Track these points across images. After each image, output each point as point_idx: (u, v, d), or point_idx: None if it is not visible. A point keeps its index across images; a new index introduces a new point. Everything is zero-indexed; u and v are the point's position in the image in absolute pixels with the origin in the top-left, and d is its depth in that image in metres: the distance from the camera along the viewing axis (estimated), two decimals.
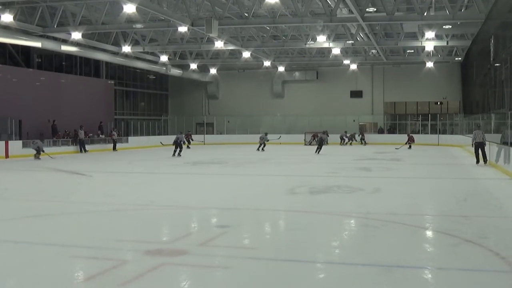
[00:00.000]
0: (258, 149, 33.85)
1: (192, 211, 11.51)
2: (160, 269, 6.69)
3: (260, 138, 34.62)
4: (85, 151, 33.69)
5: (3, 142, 29.13)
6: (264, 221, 10.47)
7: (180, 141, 29.18)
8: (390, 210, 10.97)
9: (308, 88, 50.45)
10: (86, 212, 11.39)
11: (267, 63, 44.29)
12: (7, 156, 28.14)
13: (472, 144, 21.76)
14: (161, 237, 9.05)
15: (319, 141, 30.86)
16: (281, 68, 47.96)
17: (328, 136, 33.58)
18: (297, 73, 50.68)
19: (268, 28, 33.96)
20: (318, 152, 29.53)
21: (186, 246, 7.78)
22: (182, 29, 29.27)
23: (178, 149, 28.68)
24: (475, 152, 21.63)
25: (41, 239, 8.48)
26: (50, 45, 32.41)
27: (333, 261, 7.31)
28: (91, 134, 36.95)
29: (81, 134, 33.91)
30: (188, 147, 36.76)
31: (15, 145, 29.51)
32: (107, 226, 9.67)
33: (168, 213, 11.23)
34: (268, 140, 34.74)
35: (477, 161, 21.56)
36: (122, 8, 24.36)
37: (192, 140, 38.47)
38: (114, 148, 36.63)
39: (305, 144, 37.81)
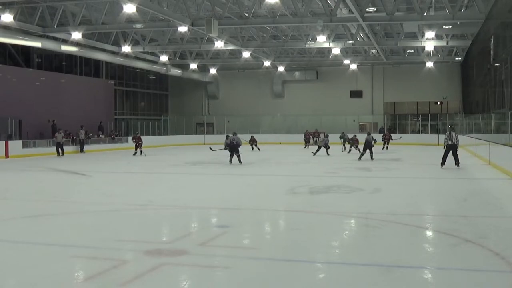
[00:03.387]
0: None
1: (192, 211, 11.51)
2: (160, 269, 6.70)
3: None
4: (82, 151, 33.64)
5: (3, 142, 29.14)
6: (264, 221, 10.48)
7: (237, 143, 23.86)
8: (390, 210, 10.97)
9: (308, 88, 50.44)
10: (85, 212, 11.39)
11: (267, 63, 44.28)
12: (7, 156, 28.14)
13: (444, 146, 20.76)
14: (161, 237, 9.06)
15: (325, 144, 29.20)
16: (281, 68, 47.95)
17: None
18: (297, 73, 50.67)
19: (268, 28, 33.95)
20: (314, 154, 28.79)
21: (186, 246, 7.79)
22: (182, 29, 29.26)
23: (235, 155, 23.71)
24: (445, 154, 20.59)
25: (40, 239, 8.47)
26: (50, 45, 32.41)
27: (333, 261, 7.31)
28: (91, 134, 36.93)
29: (82, 134, 33.90)
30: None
31: (15, 145, 29.51)
32: (106, 226, 9.66)
33: (168, 213, 11.24)
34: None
35: (443, 164, 20.52)
36: (122, 8, 24.36)
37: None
38: (82, 150, 34.29)
39: (304, 147, 37.17)
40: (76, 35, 29.93)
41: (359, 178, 17.93)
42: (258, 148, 34.64)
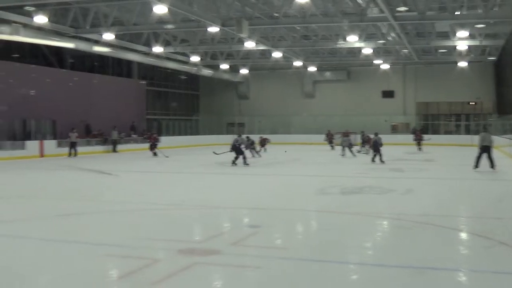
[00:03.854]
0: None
1: (223, 210, 11.55)
2: (192, 268, 6.73)
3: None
4: (115, 151, 33.99)
5: (38, 142, 29.67)
6: (296, 221, 10.46)
7: (240, 144, 23.25)
8: (423, 211, 10.87)
9: (339, 88, 50.20)
10: (118, 211, 11.51)
11: (297, 63, 44.20)
12: (42, 155, 28.56)
13: (479, 147, 19.93)
14: (193, 236, 9.11)
15: (348, 144, 28.26)
16: (311, 68, 47.79)
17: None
18: (328, 73, 50.46)
19: (299, 28, 33.88)
20: (342, 155, 27.72)
21: (218, 246, 7.82)
22: (213, 29, 29.36)
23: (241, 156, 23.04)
24: (479, 155, 19.85)
25: (73, 238, 8.58)
26: (83, 46, 32.79)
27: (365, 262, 7.27)
28: (124, 134, 37.30)
29: (114, 134, 34.25)
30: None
31: (50, 145, 29.94)
32: (139, 225, 9.75)
33: (200, 212, 11.29)
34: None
35: (476, 166, 19.87)
36: (153, 9, 24.53)
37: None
38: (115, 150, 34.81)
39: (331, 149, 36.05)
40: (108, 36, 30.27)
41: (391, 178, 17.80)
42: (265, 149, 33.00)
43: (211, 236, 8.68)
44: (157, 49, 35.92)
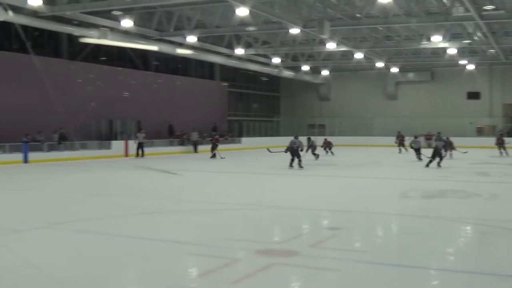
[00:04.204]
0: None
1: (302, 212, 11.55)
2: (271, 269, 6.78)
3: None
4: (196, 151, 34.53)
5: (123, 142, 30.63)
6: (376, 225, 10.34)
7: (297, 146, 22.34)
8: (508, 217, 10.52)
9: (422, 89, 49.10)
10: (197, 210, 11.71)
11: (379, 64, 43.59)
12: (126, 154, 29.43)
13: None
14: (272, 237, 9.16)
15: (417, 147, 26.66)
16: (394, 69, 47.01)
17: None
18: (411, 74, 49.47)
19: (381, 28, 33.41)
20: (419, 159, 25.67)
21: (296, 247, 7.84)
22: (294, 31, 29.37)
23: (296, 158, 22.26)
24: None
25: (155, 236, 8.81)
26: (166, 49, 33.55)
27: (447, 268, 7.11)
28: (206, 135, 37.91)
29: (194, 135, 34.83)
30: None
31: (134, 145, 30.82)
32: (219, 225, 9.89)
33: (279, 213, 11.33)
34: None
35: None
36: (235, 11, 24.81)
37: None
38: (196, 150, 35.04)
39: (399, 152, 33.78)
40: (191, 39, 30.85)
41: (475, 182, 17.28)
42: (332, 153, 31.82)
43: (290, 237, 8.71)
44: (239, 51, 36.28)
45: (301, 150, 22.23)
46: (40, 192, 15.58)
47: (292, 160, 22.23)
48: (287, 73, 47.23)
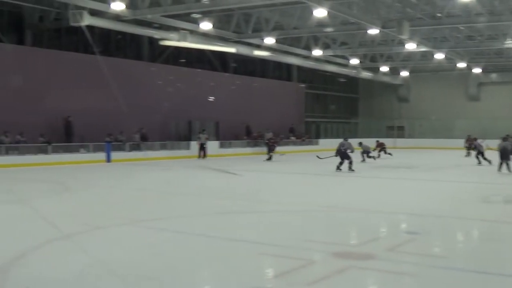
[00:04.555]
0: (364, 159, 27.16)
1: (380, 215, 11.38)
2: (347, 271, 6.73)
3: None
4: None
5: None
6: (455, 230, 10.09)
7: (345, 150, 21.45)
8: None
9: (506, 90, 47.43)
10: (273, 211, 11.75)
11: (461, 65, 42.43)
12: (204, 155, 29.84)
13: None
14: (349, 240, 9.08)
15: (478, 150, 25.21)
16: (476, 70, 45.65)
17: None
18: (494, 75, 47.89)
19: (462, 28, 32.51)
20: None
21: (373, 250, 7.74)
22: (373, 31, 29.03)
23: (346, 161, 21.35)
24: None
25: (231, 235, 8.90)
26: (244, 50, 33.85)
27: None
28: (283, 136, 38.03)
29: (268, 136, 34.76)
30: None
31: (213, 146, 31.25)
32: (295, 226, 9.89)
33: (356, 216, 11.22)
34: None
35: None
36: (313, 13, 24.75)
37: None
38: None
39: (465, 155, 31.34)
40: (269, 40, 31.00)
41: None
42: (390, 154, 30.30)
43: (367, 240, 8.62)
44: (317, 52, 36.18)
45: (351, 152, 21.41)
46: (122, 190, 16.05)
47: (341, 163, 21.33)
48: (366, 74, 46.73)
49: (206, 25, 27.39)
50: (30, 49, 27.31)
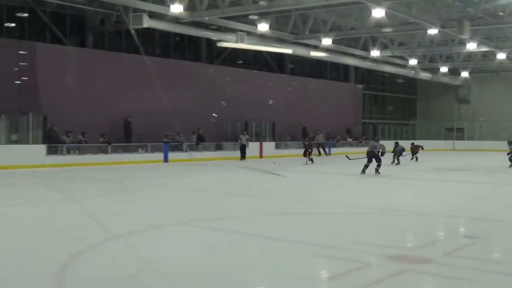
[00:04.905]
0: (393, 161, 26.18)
1: (437, 218, 11.18)
2: (403, 275, 6.65)
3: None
4: (326, 154, 34.30)
5: (257, 143, 31.25)
6: None
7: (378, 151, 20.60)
8: None
9: None
10: (329, 212, 11.71)
11: None
12: (261, 156, 29.97)
13: None
14: (405, 243, 8.96)
15: None
16: None
17: None
18: None
19: None
20: None
21: (430, 254, 7.61)
22: (432, 31, 28.57)
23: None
24: None
25: (287, 236, 8.89)
26: (300, 51, 33.82)
27: None
28: (339, 137, 37.83)
29: (319, 138, 34.57)
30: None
31: (269, 146, 31.36)
32: (350, 228, 9.82)
33: (413, 219, 11.06)
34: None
35: None
36: (371, 13, 24.55)
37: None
38: (320, 153, 33.76)
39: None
40: (326, 41, 30.89)
41: None
42: (416, 158, 28.82)
43: (423, 244, 8.48)
44: (375, 53, 35.88)
45: (382, 155, 20.56)
46: (179, 190, 16.27)
47: (366, 166, 20.22)
48: (424, 75, 46.00)
49: (263, 27, 27.55)
50: (91, 51, 28.00)
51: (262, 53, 36.36)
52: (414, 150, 29.29)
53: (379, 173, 20.11)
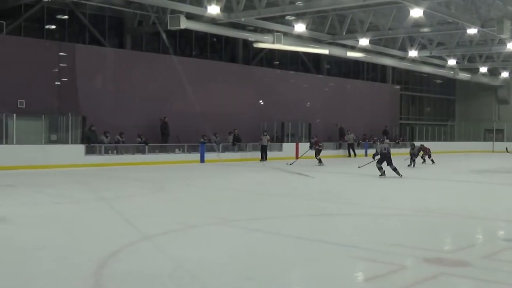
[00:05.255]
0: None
1: (475, 221, 11.02)
2: (439, 278, 6.57)
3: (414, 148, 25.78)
4: (355, 155, 34.07)
5: (293, 144, 31.24)
6: None
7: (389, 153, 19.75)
8: None
9: None
10: (364, 214, 11.63)
11: None
12: (297, 157, 29.94)
13: None
14: (442, 245, 8.85)
15: None
16: None
17: None
18: None
19: None
20: None
21: (468, 257, 7.51)
22: (471, 31, 28.16)
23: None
24: None
25: (323, 237, 8.87)
26: (337, 52, 33.68)
27: None
28: (375, 138, 37.54)
29: (350, 138, 34.38)
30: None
31: (305, 147, 31.25)
32: (385, 230, 9.75)
33: (450, 221, 10.93)
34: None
35: None
36: (409, 13, 24.31)
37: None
38: (349, 154, 34.42)
39: None
40: (364, 42, 30.71)
41: None
42: (430, 160, 27.73)
43: (461, 247, 8.37)
44: (413, 53, 35.54)
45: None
46: (215, 190, 16.35)
47: (381, 168, 19.21)
48: (463, 75, 45.33)
49: (300, 27, 27.54)
50: (129, 52, 28.35)
51: (298, 54, 36.33)
52: (425, 152, 28.06)
53: (401, 175, 19.11)
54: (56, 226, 9.80)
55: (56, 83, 24.98)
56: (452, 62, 40.32)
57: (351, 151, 34.47)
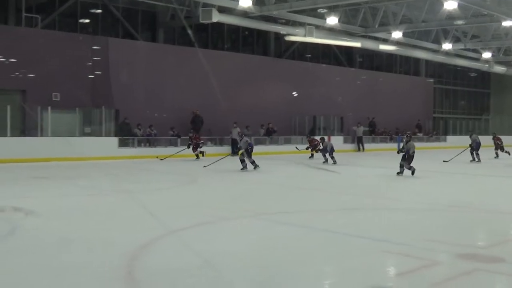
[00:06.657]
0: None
1: (509, 216, 10.87)
2: (473, 274, 6.49)
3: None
4: (363, 149, 33.42)
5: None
6: None
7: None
8: None
9: None
10: (397, 209, 11.54)
11: None
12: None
13: None
14: (476, 241, 8.74)
15: None
16: None
17: None
18: None
19: None
20: None
21: (503, 254, 7.39)
22: (507, 23, 27.72)
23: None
24: None
25: (355, 232, 8.81)
26: (369, 45, 33.43)
27: None
28: (409, 132, 37.12)
29: (359, 131, 33.49)
30: None
31: (337, 141, 31.09)
32: (418, 225, 9.65)
33: (485, 216, 10.77)
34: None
35: None
36: (443, 5, 24.00)
37: None
38: (359, 149, 33.28)
39: None
40: (396, 34, 30.43)
41: None
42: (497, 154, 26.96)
43: (496, 243, 8.26)
44: (446, 46, 35.11)
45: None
46: (247, 183, 16.37)
47: (401, 165, 17.59)
48: (498, 68, 44.63)
49: (332, 20, 27.35)
50: (162, 46, 28.51)
51: (330, 47, 36.14)
52: (497, 143, 27.04)
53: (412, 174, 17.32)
54: (86, 218, 9.91)
55: (90, 76, 25.28)
56: (487, 55, 39.75)
57: (360, 145, 33.44)
